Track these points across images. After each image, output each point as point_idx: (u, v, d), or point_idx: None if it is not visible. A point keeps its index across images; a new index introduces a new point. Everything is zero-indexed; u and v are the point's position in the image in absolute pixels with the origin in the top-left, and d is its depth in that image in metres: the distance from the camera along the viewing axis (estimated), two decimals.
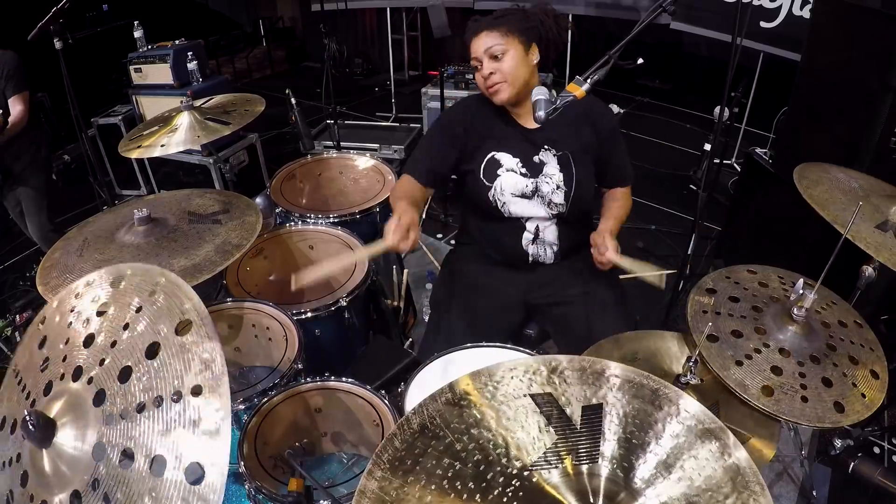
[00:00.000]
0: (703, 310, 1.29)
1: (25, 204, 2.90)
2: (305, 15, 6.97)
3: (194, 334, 0.83)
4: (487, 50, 1.57)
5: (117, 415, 0.79)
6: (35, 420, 0.80)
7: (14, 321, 2.58)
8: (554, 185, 1.68)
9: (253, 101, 2.12)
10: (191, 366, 0.80)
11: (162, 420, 0.77)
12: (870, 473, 1.53)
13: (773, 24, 3.79)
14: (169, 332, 0.84)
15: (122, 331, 0.87)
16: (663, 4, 1.43)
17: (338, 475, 1.46)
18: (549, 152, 1.69)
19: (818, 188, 1.50)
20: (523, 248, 1.76)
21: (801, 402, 1.11)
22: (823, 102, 2.40)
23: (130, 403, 0.79)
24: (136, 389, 0.80)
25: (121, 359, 0.84)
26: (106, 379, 0.83)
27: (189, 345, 0.82)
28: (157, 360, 0.82)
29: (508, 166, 1.69)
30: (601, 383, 0.87)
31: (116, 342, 0.86)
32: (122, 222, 1.58)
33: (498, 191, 1.69)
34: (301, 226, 2.07)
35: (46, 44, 2.39)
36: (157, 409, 0.78)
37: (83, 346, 0.88)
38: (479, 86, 1.65)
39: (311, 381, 1.45)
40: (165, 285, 0.90)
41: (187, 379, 0.79)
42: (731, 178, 4.00)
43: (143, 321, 0.87)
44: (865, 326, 1.31)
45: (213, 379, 0.79)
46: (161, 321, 0.86)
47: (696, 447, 0.79)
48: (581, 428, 0.82)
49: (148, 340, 0.84)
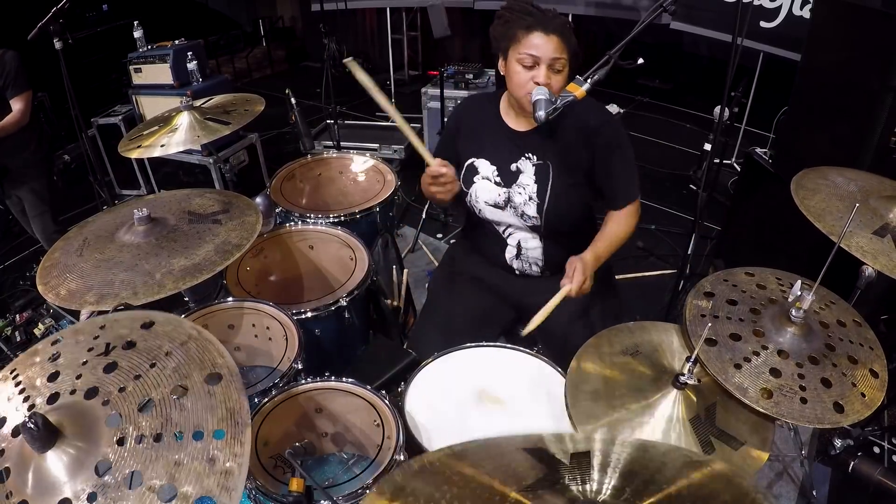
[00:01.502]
0: (702, 314, 1.29)
1: (28, 206, 2.91)
2: (305, 15, 6.97)
3: (224, 386, 0.88)
4: (554, 59, 1.44)
5: (132, 439, 0.82)
6: (37, 423, 0.80)
7: (14, 321, 2.58)
8: (526, 196, 1.63)
9: (253, 101, 2.12)
10: (217, 411, 0.85)
11: (179, 453, 0.80)
12: (870, 473, 1.53)
13: (773, 23, 3.79)
14: (198, 379, 0.89)
15: (148, 367, 0.91)
16: (663, 4, 1.43)
17: (338, 475, 1.46)
18: (529, 161, 1.62)
19: (815, 198, 1.50)
20: (507, 262, 1.76)
21: (800, 404, 1.11)
22: (823, 102, 2.40)
23: (147, 432, 0.83)
24: (156, 421, 0.84)
25: (144, 391, 0.88)
26: (123, 404, 0.86)
27: (217, 393, 0.87)
28: (183, 400, 0.86)
29: (484, 174, 1.67)
30: None
31: (141, 376, 0.90)
32: (122, 222, 1.58)
33: (473, 197, 1.69)
34: (301, 226, 2.07)
35: (46, 44, 2.39)
36: (176, 442, 0.82)
37: (103, 371, 0.91)
38: (521, 84, 1.48)
39: (311, 380, 1.45)
40: (198, 339, 0.96)
41: (211, 423, 0.83)
42: (731, 178, 4.01)
43: (172, 363, 0.92)
44: (865, 325, 1.31)
45: (238, 426, 0.83)
46: (192, 368, 0.91)
47: None
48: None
49: (175, 381, 0.89)
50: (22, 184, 2.83)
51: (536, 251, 1.72)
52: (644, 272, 3.21)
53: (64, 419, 0.85)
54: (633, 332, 1.38)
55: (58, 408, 0.87)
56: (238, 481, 0.78)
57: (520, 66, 1.47)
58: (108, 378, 0.90)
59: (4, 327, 2.46)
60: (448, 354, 1.54)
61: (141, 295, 1.33)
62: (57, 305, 2.07)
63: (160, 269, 1.41)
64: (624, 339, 1.36)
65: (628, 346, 1.34)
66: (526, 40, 1.45)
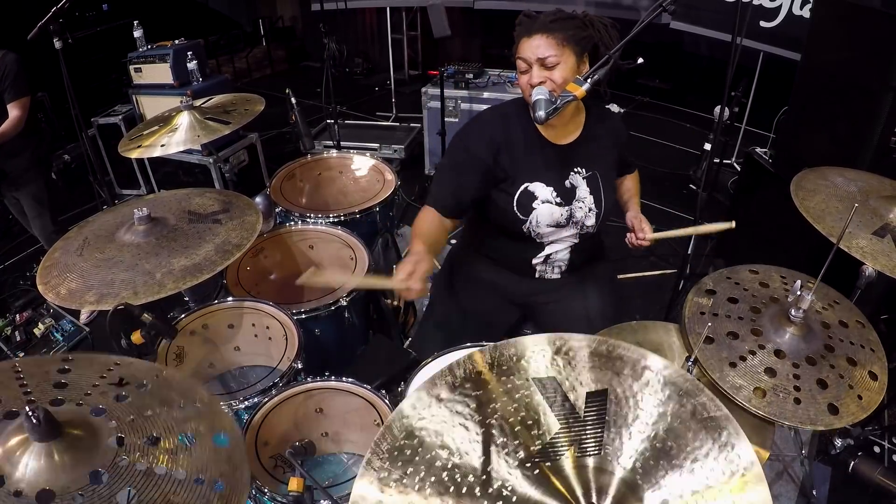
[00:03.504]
0: (701, 311, 1.29)
1: (26, 208, 2.89)
2: (305, 15, 6.97)
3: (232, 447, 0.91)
4: (541, 59, 1.45)
5: (132, 463, 0.83)
6: (40, 415, 0.80)
7: (14, 321, 2.58)
8: (587, 208, 1.63)
9: (253, 101, 2.12)
10: (218, 466, 0.87)
11: (179, 493, 0.82)
12: (870, 473, 1.53)
13: (773, 23, 3.79)
14: (206, 435, 0.91)
15: (158, 406, 0.93)
16: (663, 4, 1.43)
17: (338, 475, 1.46)
18: (579, 175, 1.62)
19: (815, 199, 1.50)
20: (531, 265, 1.73)
21: (793, 404, 1.11)
22: (823, 102, 2.40)
23: (152, 463, 0.84)
24: (160, 455, 0.86)
25: (152, 427, 0.90)
26: (131, 433, 0.88)
27: (222, 452, 0.90)
28: (190, 444, 0.89)
29: (544, 197, 1.58)
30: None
31: (152, 414, 0.92)
32: (122, 222, 1.58)
33: (534, 224, 1.60)
34: (301, 225, 2.07)
35: (46, 44, 2.39)
36: (175, 479, 0.83)
37: (114, 399, 0.93)
38: (521, 90, 1.52)
39: (311, 380, 1.45)
40: (205, 405, 0.98)
41: (211, 472, 0.85)
42: (731, 178, 4.00)
43: (183, 412, 0.94)
44: (868, 326, 1.30)
45: (236, 486, 0.85)
46: (200, 423, 0.93)
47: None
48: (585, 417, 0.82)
49: (185, 429, 0.91)
50: (19, 187, 2.81)
51: (564, 256, 1.71)
52: (644, 272, 3.21)
53: (69, 420, 0.84)
54: (634, 332, 1.38)
55: (61, 413, 0.86)
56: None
57: (519, 73, 1.51)
58: (116, 405, 0.91)
59: (4, 327, 2.46)
60: (448, 354, 1.54)
61: (141, 295, 1.34)
62: (57, 305, 2.07)
63: (160, 268, 1.41)
64: (624, 338, 1.36)
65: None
66: (518, 48, 1.50)
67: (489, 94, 3.90)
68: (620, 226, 1.74)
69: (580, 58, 1.48)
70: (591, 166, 1.63)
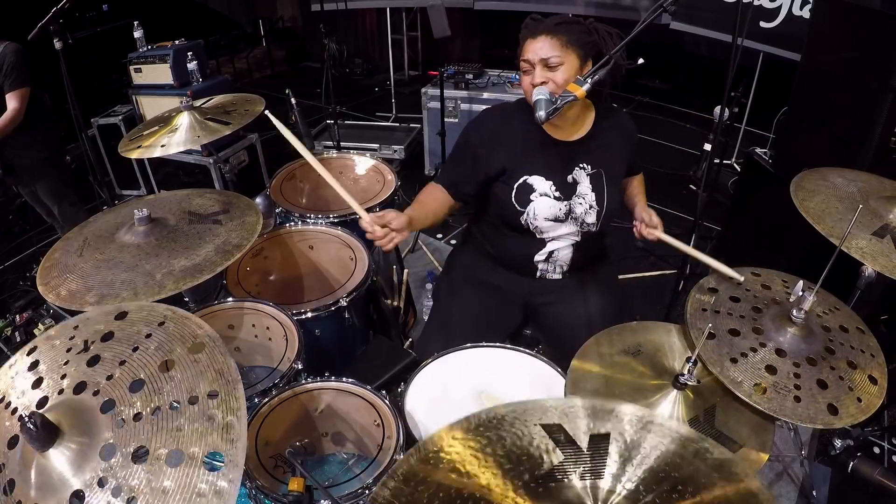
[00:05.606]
0: (703, 308, 1.29)
1: (44, 198, 2.94)
2: (305, 15, 6.97)
3: (207, 353, 0.92)
4: (544, 59, 1.48)
5: (130, 418, 0.84)
6: (36, 422, 0.80)
7: (14, 321, 2.58)
8: (587, 205, 1.64)
9: (253, 101, 2.11)
10: (206, 375, 0.89)
11: (178, 420, 0.84)
12: (869, 473, 1.53)
13: (773, 24, 3.79)
14: (182, 352, 0.92)
15: (131, 352, 0.93)
16: (663, 4, 1.43)
17: (338, 475, 1.46)
18: (584, 171, 1.63)
19: (815, 199, 1.50)
20: (533, 263, 1.74)
21: (793, 402, 1.11)
22: (823, 102, 2.40)
23: (144, 408, 0.85)
24: (149, 397, 0.87)
25: (132, 373, 0.90)
26: (114, 390, 0.88)
27: (203, 360, 0.91)
28: (172, 372, 0.90)
29: (542, 190, 1.61)
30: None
31: (125, 361, 0.92)
32: (122, 222, 1.58)
33: (531, 216, 1.63)
34: (301, 226, 2.07)
35: (46, 44, 2.39)
36: (172, 412, 0.85)
37: (87, 365, 0.93)
38: (524, 90, 1.55)
39: (311, 381, 1.45)
40: (174, 317, 0.99)
41: (202, 386, 0.87)
42: (731, 178, 4.01)
43: (153, 343, 0.94)
44: (868, 333, 1.30)
45: (229, 384, 0.88)
46: (174, 343, 0.94)
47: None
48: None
49: (161, 358, 0.92)
50: (34, 181, 2.84)
51: (566, 255, 1.71)
52: (644, 272, 3.21)
53: (60, 416, 0.85)
54: (634, 332, 1.38)
55: (50, 409, 0.88)
56: (240, 431, 0.82)
57: (522, 74, 1.55)
58: (93, 371, 0.92)
59: (4, 328, 2.47)
60: (448, 354, 1.54)
61: (141, 295, 1.34)
62: (57, 306, 2.06)
63: (161, 269, 1.41)
64: (624, 338, 1.36)
65: (630, 346, 1.33)
66: (522, 50, 1.54)
67: (489, 95, 3.90)
68: (621, 227, 1.74)
69: (583, 62, 1.50)
70: (597, 163, 1.64)
